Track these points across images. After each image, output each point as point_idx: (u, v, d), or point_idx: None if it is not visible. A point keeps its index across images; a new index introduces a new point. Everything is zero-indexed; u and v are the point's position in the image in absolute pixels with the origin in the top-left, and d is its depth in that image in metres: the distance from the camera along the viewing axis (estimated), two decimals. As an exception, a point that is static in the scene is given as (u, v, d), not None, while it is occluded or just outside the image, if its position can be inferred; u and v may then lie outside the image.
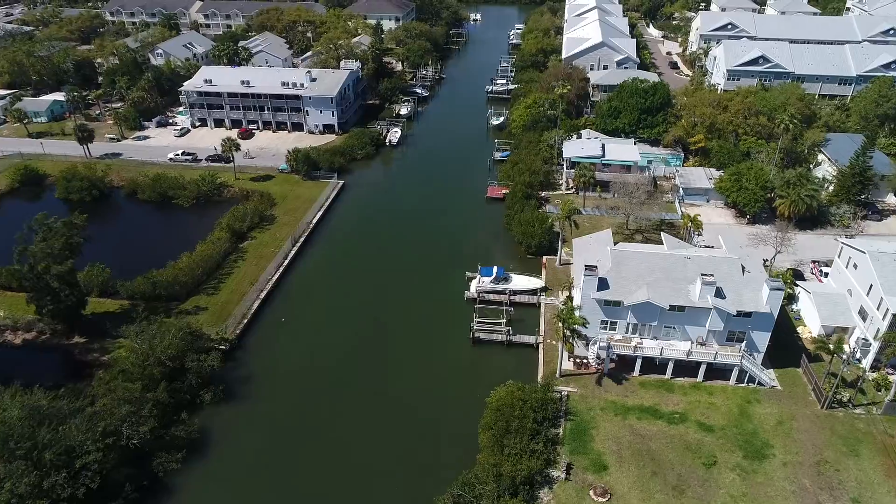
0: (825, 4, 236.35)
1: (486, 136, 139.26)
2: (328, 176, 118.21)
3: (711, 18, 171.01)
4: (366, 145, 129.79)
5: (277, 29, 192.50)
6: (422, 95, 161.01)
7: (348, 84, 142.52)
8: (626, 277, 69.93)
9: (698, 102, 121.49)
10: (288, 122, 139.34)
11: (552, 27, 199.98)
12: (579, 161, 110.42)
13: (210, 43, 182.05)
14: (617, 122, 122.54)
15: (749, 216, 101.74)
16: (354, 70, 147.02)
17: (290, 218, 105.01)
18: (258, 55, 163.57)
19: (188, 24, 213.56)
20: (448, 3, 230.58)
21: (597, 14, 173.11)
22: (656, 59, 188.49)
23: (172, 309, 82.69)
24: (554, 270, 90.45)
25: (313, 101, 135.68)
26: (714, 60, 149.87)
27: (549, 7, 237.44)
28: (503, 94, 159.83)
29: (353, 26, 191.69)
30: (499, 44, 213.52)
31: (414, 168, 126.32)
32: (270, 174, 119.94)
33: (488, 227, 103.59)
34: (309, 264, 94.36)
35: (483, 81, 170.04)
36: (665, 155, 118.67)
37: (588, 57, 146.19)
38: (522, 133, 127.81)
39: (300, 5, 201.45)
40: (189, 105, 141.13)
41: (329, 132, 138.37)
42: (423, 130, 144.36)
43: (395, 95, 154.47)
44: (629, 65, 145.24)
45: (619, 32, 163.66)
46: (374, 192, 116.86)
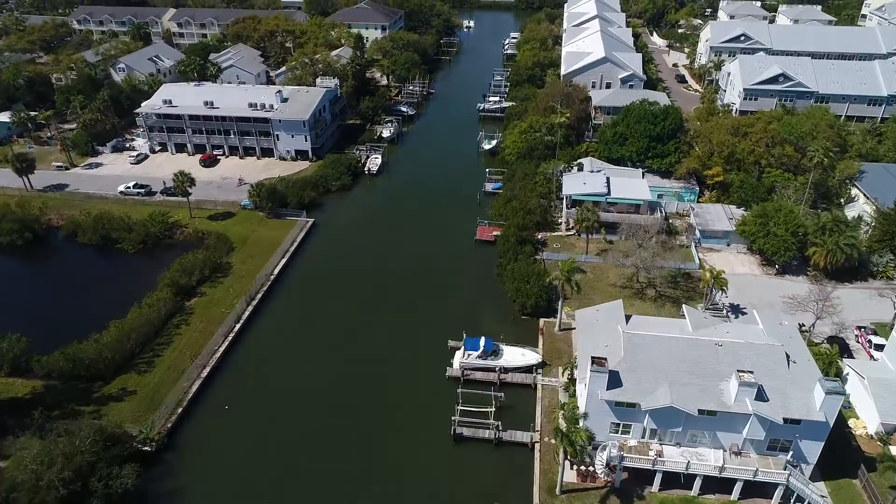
0: (838, 11, 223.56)
1: (477, 162, 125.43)
2: (296, 213, 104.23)
3: (723, 29, 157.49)
4: (342, 175, 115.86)
5: (254, 39, 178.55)
6: (407, 114, 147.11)
7: (324, 104, 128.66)
8: (642, 371, 56.17)
9: (714, 128, 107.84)
10: (256, 147, 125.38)
11: (550, 36, 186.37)
12: (581, 199, 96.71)
13: (180, 55, 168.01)
14: (623, 150, 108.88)
15: (778, 266, 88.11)
16: (332, 88, 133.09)
17: (248, 267, 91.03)
18: (228, 70, 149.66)
19: (161, 34, 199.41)
20: (439, 10, 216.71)
21: (598, 24, 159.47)
22: (661, 71, 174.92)
23: (94, 392, 68.83)
24: (553, 338, 76.64)
25: (284, 125, 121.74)
26: (728, 77, 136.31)
27: (547, 14, 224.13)
28: (496, 113, 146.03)
29: (336, 36, 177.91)
30: (493, 54, 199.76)
31: (395, 202, 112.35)
32: (231, 211, 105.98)
33: (477, 277, 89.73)
34: (265, 329, 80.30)
35: (475, 97, 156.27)
36: (678, 189, 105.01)
37: (589, 73, 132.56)
38: (516, 162, 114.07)
39: (279, 14, 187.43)
40: (147, 128, 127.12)
41: (302, 158, 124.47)
42: (407, 155, 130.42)
43: (377, 115, 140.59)
44: (635, 82, 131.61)
45: (623, 45, 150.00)
46: (348, 232, 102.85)
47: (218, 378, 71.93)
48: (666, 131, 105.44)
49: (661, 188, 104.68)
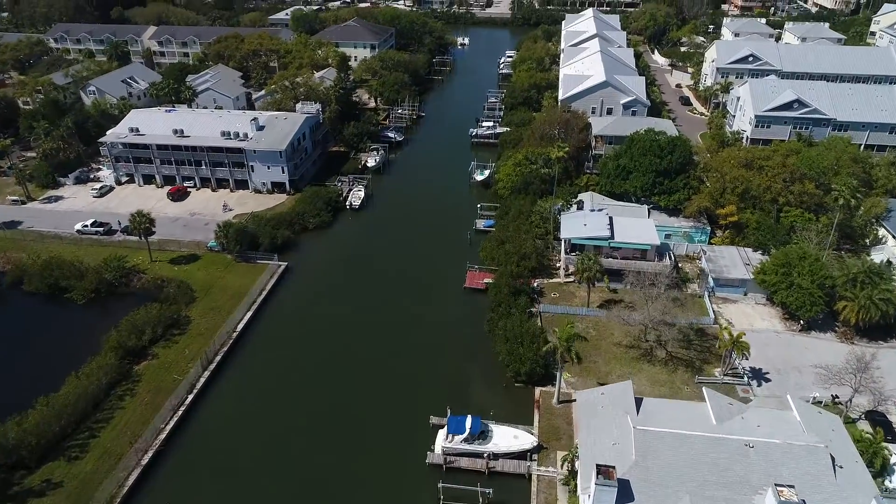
0: (846, 27, 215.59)
1: (468, 195, 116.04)
2: (268, 257, 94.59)
3: (729, 49, 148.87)
4: (321, 211, 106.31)
5: (236, 59, 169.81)
6: (395, 140, 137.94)
7: (304, 132, 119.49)
8: (657, 480, 46.38)
9: (726, 162, 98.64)
10: (230, 178, 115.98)
11: (547, 56, 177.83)
12: (581, 243, 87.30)
13: (157, 77, 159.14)
14: (626, 185, 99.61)
15: (803, 322, 78.50)
16: (313, 114, 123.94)
17: (209, 322, 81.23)
18: (205, 94, 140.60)
19: (140, 53, 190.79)
20: (432, 27, 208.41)
21: (598, 44, 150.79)
22: (665, 92, 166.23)
23: (14, 483, 58.87)
24: (550, 412, 66.76)
25: (259, 156, 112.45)
26: (737, 101, 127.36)
27: (544, 31, 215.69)
28: (490, 139, 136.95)
29: (323, 55, 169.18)
30: (487, 73, 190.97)
31: (377, 242, 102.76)
32: (197, 253, 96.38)
33: (465, 333, 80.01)
34: (222, 400, 70.31)
35: (467, 120, 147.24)
36: (687, 229, 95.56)
37: (589, 98, 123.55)
38: (510, 197, 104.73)
39: (263, 32, 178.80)
40: (113, 158, 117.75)
41: (279, 191, 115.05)
42: (393, 187, 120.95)
43: (362, 142, 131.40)
44: (638, 108, 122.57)
45: (625, 66, 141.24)
46: (323, 277, 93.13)
47: (162, 464, 61.92)
48: (674, 165, 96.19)
49: (669, 228, 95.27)
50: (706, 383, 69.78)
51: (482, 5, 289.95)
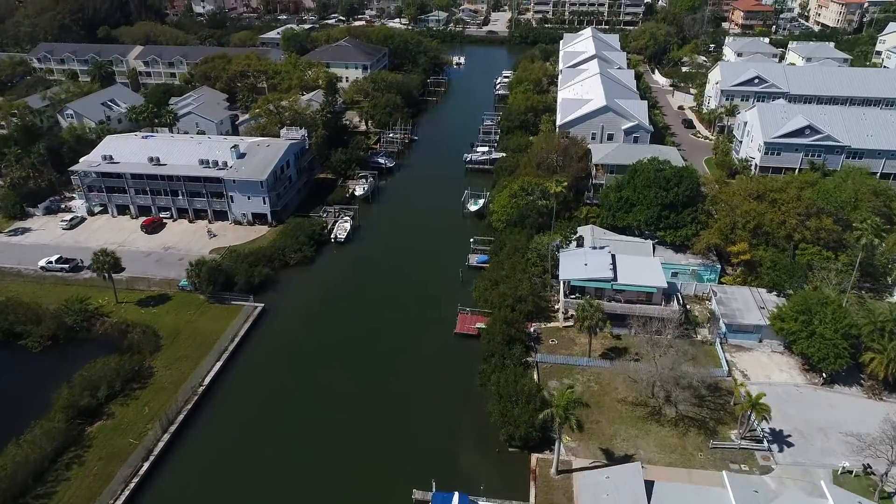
0: (851, 46, 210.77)
1: (462, 226, 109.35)
2: (243, 298, 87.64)
3: (734, 70, 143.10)
4: (303, 245, 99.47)
5: (222, 80, 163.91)
6: (385, 166, 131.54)
7: (288, 159, 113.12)
8: None
9: (737, 194, 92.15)
10: (209, 209, 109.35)
11: (544, 76, 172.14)
12: (581, 285, 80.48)
13: (139, 99, 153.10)
14: (629, 218, 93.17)
15: (825, 375, 71.50)
16: (298, 140, 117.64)
17: (173, 374, 74.12)
18: (187, 118, 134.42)
19: (126, 73, 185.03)
20: (426, 47, 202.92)
21: (597, 65, 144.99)
22: (667, 115, 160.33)
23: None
24: (548, 485, 59.44)
25: (239, 186, 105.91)
26: (744, 126, 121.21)
27: (542, 50, 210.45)
28: (485, 165, 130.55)
29: (313, 76, 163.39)
30: (483, 94, 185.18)
31: (362, 279, 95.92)
32: (167, 293, 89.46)
33: (454, 387, 72.93)
34: (181, 469, 62.99)
35: (462, 145, 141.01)
36: (696, 266, 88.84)
37: (589, 124, 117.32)
38: (505, 230, 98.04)
39: (251, 52, 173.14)
40: (85, 188, 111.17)
41: (261, 222, 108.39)
42: (381, 218, 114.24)
43: (350, 169, 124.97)
44: (640, 134, 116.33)
45: (625, 89, 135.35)
46: (302, 320, 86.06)
47: (107, 550, 54.67)
48: (680, 198, 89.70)
49: (676, 265, 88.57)
50: (721, 448, 62.79)
51: (479, 23, 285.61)
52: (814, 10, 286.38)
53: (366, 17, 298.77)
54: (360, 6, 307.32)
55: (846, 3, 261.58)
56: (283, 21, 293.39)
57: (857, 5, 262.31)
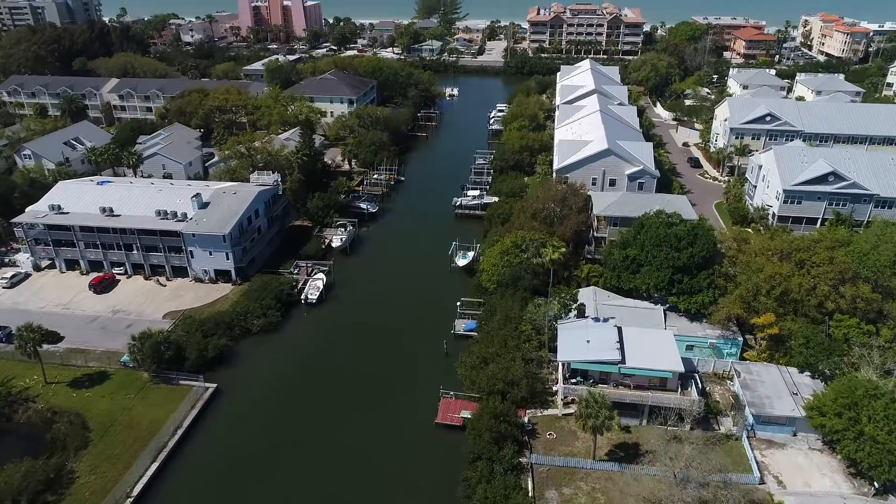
0: (859, 77, 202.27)
1: (449, 283, 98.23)
2: (193, 376, 75.97)
3: (744, 107, 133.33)
4: (268, 309, 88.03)
5: (198, 116, 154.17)
6: (367, 212, 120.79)
7: (257, 208, 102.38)
8: None
9: (759, 254, 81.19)
10: (166, 265, 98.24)
11: (540, 110, 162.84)
12: (584, 368, 69.07)
13: (107, 137, 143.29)
14: (637, 280, 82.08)
15: (878, 484, 59.74)
16: (270, 186, 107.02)
17: (98, 481, 62.10)
18: (152, 160, 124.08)
19: (99, 107, 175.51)
20: (417, 78, 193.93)
21: (597, 101, 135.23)
22: (671, 152, 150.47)
23: None
24: None
25: (199, 240, 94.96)
26: (758, 170, 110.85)
27: (538, 82, 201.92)
28: (476, 211, 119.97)
29: (295, 111, 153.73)
30: (477, 128, 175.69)
31: (332, 351, 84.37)
32: (107, 369, 77.80)
33: (433, 495, 61.03)
34: None
35: (452, 187, 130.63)
36: (714, 339, 77.46)
37: (589, 168, 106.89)
38: (496, 292, 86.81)
39: (230, 86, 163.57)
40: (31, 240, 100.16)
41: (224, 280, 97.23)
42: (359, 273, 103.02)
43: (328, 216, 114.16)
44: (645, 180, 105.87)
45: (628, 128, 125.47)
46: (260, 403, 74.17)
47: None
48: (695, 260, 78.68)
49: (692, 338, 77.25)
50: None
51: (473, 53, 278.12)
52: (817, 39, 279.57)
53: (358, 47, 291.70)
54: (351, 35, 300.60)
55: (851, 32, 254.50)
56: (272, 51, 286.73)
57: (863, 34, 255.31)
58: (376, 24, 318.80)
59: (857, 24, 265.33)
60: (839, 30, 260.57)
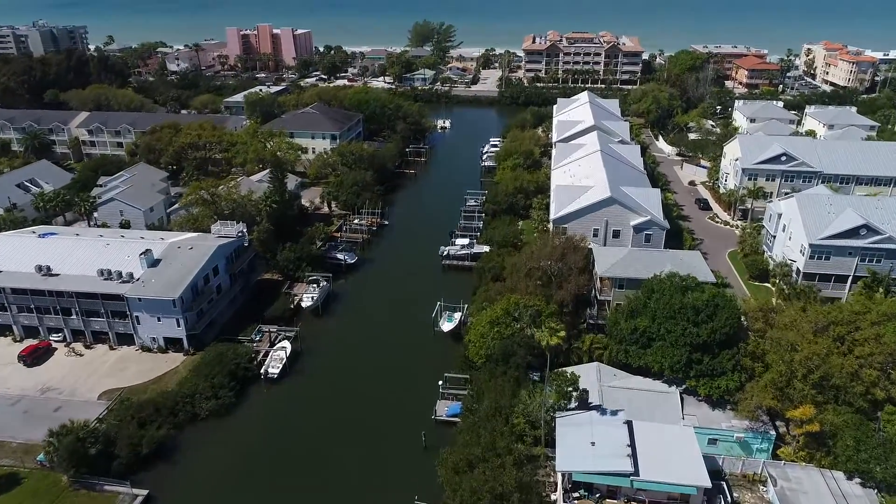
0: (869, 108, 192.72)
1: (432, 352, 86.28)
2: (119, 481, 63.54)
3: (756, 146, 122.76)
4: (220, 388, 75.77)
5: (168, 154, 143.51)
6: (345, 263, 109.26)
7: (216, 264, 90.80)
8: None
9: (791, 326, 69.49)
10: (110, 332, 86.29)
11: (536, 146, 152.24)
12: (588, 480, 56.88)
13: (67, 178, 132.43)
14: (648, 358, 70.19)
15: None
16: (233, 238, 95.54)
17: None
18: (108, 205, 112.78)
19: (67, 143, 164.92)
20: (407, 111, 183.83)
21: (597, 140, 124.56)
22: (676, 191, 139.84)
23: None
24: None
25: (146, 305, 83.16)
26: (777, 219, 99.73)
27: (534, 114, 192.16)
28: (465, 262, 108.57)
29: (273, 148, 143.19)
30: (469, 164, 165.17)
31: (292, 439, 72.05)
32: (20, 470, 65.38)
33: None
34: None
35: (440, 232, 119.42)
36: (742, 433, 65.38)
37: (589, 218, 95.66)
38: (485, 367, 74.82)
39: (205, 121, 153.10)
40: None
41: (175, 349, 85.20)
42: (330, 339, 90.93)
43: (300, 269, 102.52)
44: (653, 231, 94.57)
45: (632, 170, 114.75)
46: (201, 515, 61.92)
47: None
48: (717, 337, 66.98)
49: (715, 431, 65.22)
50: None
51: (467, 82, 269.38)
52: (821, 67, 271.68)
53: (348, 76, 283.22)
54: (342, 64, 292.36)
55: (856, 61, 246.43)
56: (260, 80, 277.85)
57: (868, 63, 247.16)
58: (368, 53, 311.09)
59: (861, 53, 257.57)
60: (844, 59, 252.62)
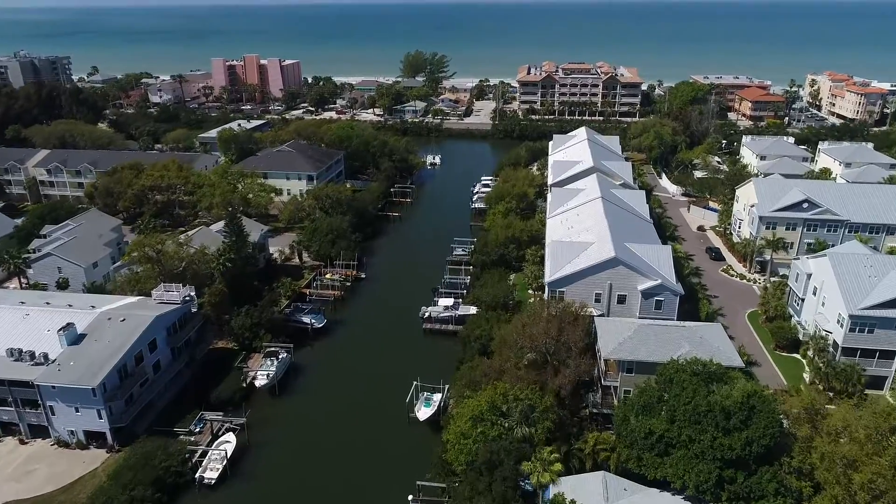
0: (885, 143, 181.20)
1: (404, 452, 72.25)
2: None
3: (773, 191, 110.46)
4: (142, 500, 61.77)
5: (127, 197, 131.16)
6: (311, 328, 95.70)
7: (154, 338, 77.29)
8: None
9: (843, 430, 55.97)
10: (20, 424, 72.35)
11: (531, 187, 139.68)
12: None
13: (10, 226, 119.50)
14: (667, 470, 56.54)
15: None
16: (177, 305, 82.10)
17: None
18: (45, 261, 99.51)
19: (24, 184, 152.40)
20: (393, 147, 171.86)
21: (597, 185, 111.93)
22: (685, 238, 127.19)
23: None
24: None
25: (61, 393, 69.42)
26: (806, 280, 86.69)
27: (528, 149, 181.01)
28: (448, 326, 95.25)
29: (244, 191, 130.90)
30: (458, 206, 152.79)
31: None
32: None
33: None
34: None
35: (422, 286, 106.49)
36: (790, 578, 51.42)
37: (590, 281, 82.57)
38: (465, 482, 60.78)
39: (170, 160, 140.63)
40: None
41: (99, 443, 71.20)
42: (285, 429, 76.61)
43: (257, 339, 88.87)
44: (665, 297, 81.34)
45: (637, 221, 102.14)
46: None
47: None
48: (754, 449, 53.38)
49: (756, 574, 51.20)
50: None
51: (460, 115, 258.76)
52: (826, 99, 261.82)
53: (337, 108, 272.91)
54: (330, 96, 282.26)
55: (865, 92, 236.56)
56: (245, 112, 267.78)
57: (877, 95, 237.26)
58: (358, 84, 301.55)
59: (869, 84, 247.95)
60: (851, 90, 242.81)
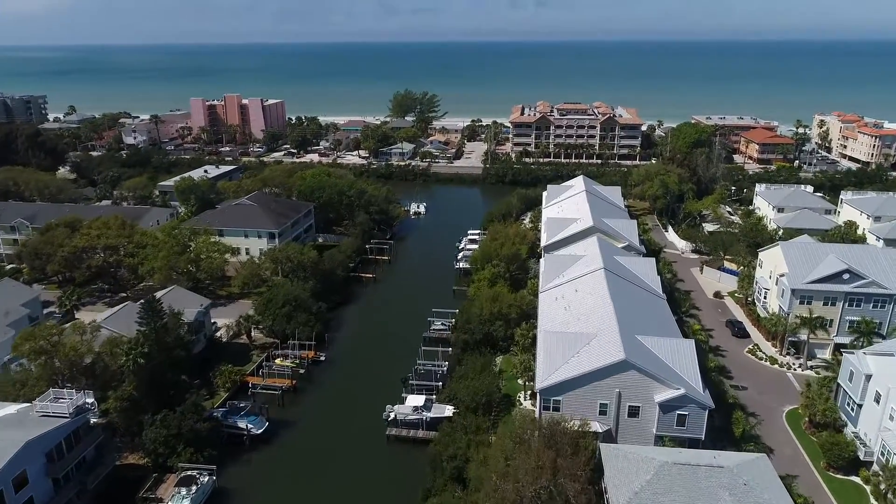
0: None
1: None
2: None
3: (805, 258, 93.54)
4: None
5: (56, 260, 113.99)
6: (248, 435, 77.20)
7: (21, 469, 58.93)
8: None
9: None
10: None
11: (523, 243, 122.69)
12: None
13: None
14: None
15: None
16: (65, 420, 63.97)
17: None
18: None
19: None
20: (372, 196, 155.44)
21: (598, 252, 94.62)
22: (700, 306, 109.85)
23: None
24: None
25: None
26: (864, 382, 68.97)
27: (520, 198, 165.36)
28: (417, 432, 76.97)
29: (197, 249, 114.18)
30: (442, 264, 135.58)
31: None
32: None
33: None
34: None
35: (391, 372, 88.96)
36: None
37: (593, 389, 64.68)
38: None
39: (112, 217, 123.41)
40: None
41: None
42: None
43: (175, 455, 70.34)
44: (690, 411, 63.23)
45: (650, 299, 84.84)
46: None
47: None
48: None
49: None
50: None
51: (449, 157, 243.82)
52: (837, 141, 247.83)
53: (320, 149, 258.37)
54: (313, 136, 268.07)
55: (879, 134, 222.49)
56: (223, 154, 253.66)
57: (893, 137, 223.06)
58: (344, 124, 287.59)
59: (882, 126, 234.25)
60: (864, 132, 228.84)
